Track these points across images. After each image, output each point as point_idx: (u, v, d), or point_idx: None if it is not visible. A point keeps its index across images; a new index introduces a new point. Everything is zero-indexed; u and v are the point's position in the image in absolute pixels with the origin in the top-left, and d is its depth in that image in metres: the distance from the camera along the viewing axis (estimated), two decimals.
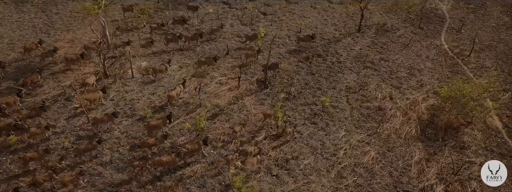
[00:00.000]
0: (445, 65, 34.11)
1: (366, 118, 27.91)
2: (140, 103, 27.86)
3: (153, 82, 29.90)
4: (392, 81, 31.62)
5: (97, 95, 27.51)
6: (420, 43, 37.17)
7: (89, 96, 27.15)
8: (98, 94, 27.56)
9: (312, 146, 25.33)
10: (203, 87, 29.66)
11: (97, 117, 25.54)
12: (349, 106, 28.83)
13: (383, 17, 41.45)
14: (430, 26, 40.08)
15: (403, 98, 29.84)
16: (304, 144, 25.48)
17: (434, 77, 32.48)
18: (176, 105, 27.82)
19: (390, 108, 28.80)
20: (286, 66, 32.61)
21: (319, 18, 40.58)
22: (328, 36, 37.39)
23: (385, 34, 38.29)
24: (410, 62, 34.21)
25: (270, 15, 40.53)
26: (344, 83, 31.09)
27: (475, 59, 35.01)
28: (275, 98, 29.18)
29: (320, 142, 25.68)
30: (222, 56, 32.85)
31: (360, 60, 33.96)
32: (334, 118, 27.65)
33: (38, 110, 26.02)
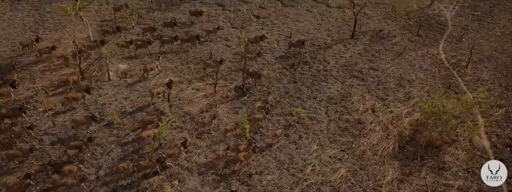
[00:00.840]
0: (438, 76, 31.77)
1: (343, 132, 26.07)
2: (111, 107, 26.81)
3: (129, 86, 28.83)
4: (378, 92, 29.59)
5: (79, 94, 26.75)
6: (415, 51, 34.86)
7: (71, 95, 26.50)
8: (81, 93, 26.80)
9: (280, 161, 23.72)
10: (179, 92, 28.41)
11: (77, 119, 24.68)
12: (327, 118, 27.03)
13: (380, 23, 39.21)
14: (430, 33, 37.63)
15: (386, 111, 27.80)
16: (272, 157, 23.90)
17: (424, 89, 30.24)
18: (147, 111, 26.66)
19: (370, 121, 26.84)
20: (269, 73, 31.00)
21: (313, 23, 38.67)
22: (319, 42, 35.50)
23: (379, 41, 36.12)
24: (401, 72, 32.03)
25: (263, 18, 38.89)
26: (326, 93, 29.25)
27: (472, 71, 32.51)
28: (251, 106, 27.66)
29: (289, 156, 24.04)
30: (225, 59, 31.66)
31: (348, 69, 32.00)
32: (309, 131, 25.92)
33: (17, 111, 25.42)
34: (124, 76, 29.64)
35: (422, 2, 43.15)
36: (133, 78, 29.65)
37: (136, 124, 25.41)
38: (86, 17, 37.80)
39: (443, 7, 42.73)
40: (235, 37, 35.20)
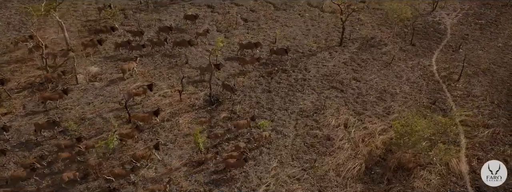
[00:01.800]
0: (425, 90, 29.08)
1: (308, 148, 23.94)
2: (72, 112, 25.55)
3: (95, 90, 27.52)
4: (355, 106, 27.22)
5: (57, 95, 25.72)
6: (405, 62, 32.16)
7: (48, 96, 25.54)
8: (58, 94, 25.78)
9: (233, 178, 21.85)
10: (143, 99, 26.90)
11: (39, 123, 23.58)
12: (295, 132, 24.94)
13: (374, 30, 36.57)
14: (425, 42, 34.76)
15: (360, 127, 25.48)
16: (224, 174, 22.05)
17: (407, 104, 27.66)
18: (105, 118, 25.25)
19: (340, 138, 24.60)
20: (244, 81, 29.09)
21: (302, 28, 36.41)
22: (304, 48, 33.27)
23: (369, 49, 33.57)
24: (386, 84, 29.49)
25: (251, 22, 36.92)
26: (299, 104, 27.12)
27: (464, 85, 29.62)
28: (217, 117, 25.86)
29: (244, 173, 22.13)
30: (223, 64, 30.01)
31: (328, 79, 29.70)
32: (272, 146, 23.93)
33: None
34: (93, 80, 28.36)
35: (423, 9, 40.24)
36: (102, 82, 28.35)
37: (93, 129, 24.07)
38: (72, 16, 37.00)
39: (445, 14, 39.60)
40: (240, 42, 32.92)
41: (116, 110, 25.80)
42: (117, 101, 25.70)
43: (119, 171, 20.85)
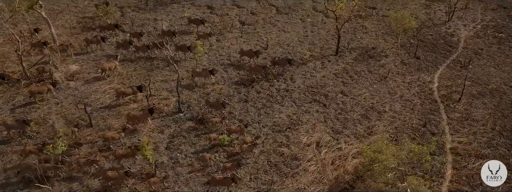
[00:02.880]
0: (418, 110, 25.83)
1: (271, 168, 21.58)
2: (37, 112, 24.56)
3: (68, 90, 26.40)
4: (335, 123, 24.51)
5: (44, 88, 25.16)
6: (403, 77, 28.90)
7: (36, 89, 24.95)
8: (46, 87, 25.20)
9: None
10: (113, 101, 25.51)
11: (8, 123, 22.72)
12: (261, 148, 22.65)
13: (377, 39, 33.39)
14: (431, 56, 31.25)
15: (334, 147, 22.82)
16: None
17: (393, 124, 24.62)
18: (69, 120, 24.04)
19: (309, 158, 22.09)
20: (222, 88, 27.06)
21: (300, 34, 33.82)
22: (296, 56, 30.70)
23: (366, 60, 30.54)
24: (375, 100, 26.49)
25: (248, 25, 34.76)
26: (274, 117, 24.77)
27: (465, 107, 26.10)
28: (182, 126, 24.03)
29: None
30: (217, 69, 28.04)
31: (313, 91, 27.10)
32: (231, 162, 21.79)
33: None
34: (70, 78, 27.32)
35: (438, 18, 36.47)
36: (78, 81, 27.23)
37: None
38: (70, 12, 36.36)
39: (461, 24, 35.67)
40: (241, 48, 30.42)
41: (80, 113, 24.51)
42: (79, 103, 24.26)
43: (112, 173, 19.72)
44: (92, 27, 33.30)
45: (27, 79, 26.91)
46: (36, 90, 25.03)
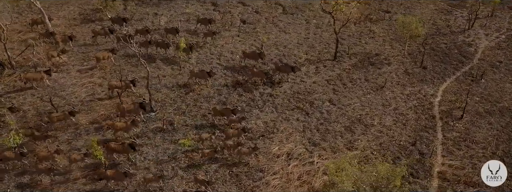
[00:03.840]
0: (412, 125, 23.11)
1: (231, 179, 19.79)
2: (12, 102, 24.11)
3: (49, 81, 25.75)
4: (314, 134, 22.32)
5: (39, 75, 25.12)
6: (403, 87, 26.14)
7: (31, 76, 24.99)
8: (41, 74, 25.13)
9: None
10: (89, 96, 24.65)
11: None
12: (226, 156, 20.92)
13: (383, 45, 30.62)
14: (440, 66, 28.16)
15: (306, 161, 20.69)
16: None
17: (379, 140, 22.09)
18: (39, 112, 23.42)
19: (274, 171, 20.12)
20: (203, 88, 25.54)
21: (301, 36, 31.65)
22: (291, 59, 28.64)
23: (366, 68, 27.97)
24: (365, 112, 24.01)
25: (249, 25, 33.02)
26: (250, 123, 22.93)
27: (466, 126, 23.07)
28: (150, 126, 22.75)
29: None
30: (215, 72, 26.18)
31: (298, 97, 25.00)
32: (188, 172, 20.17)
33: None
34: (54, 70, 26.77)
35: (458, 26, 33.07)
36: (61, 73, 26.62)
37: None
38: (76, 3, 36.16)
39: (483, 33, 32.08)
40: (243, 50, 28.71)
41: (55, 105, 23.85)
42: (46, 96, 23.51)
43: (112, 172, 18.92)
44: (97, 19, 32.65)
45: (12, 67, 26.69)
46: (31, 77, 25.02)
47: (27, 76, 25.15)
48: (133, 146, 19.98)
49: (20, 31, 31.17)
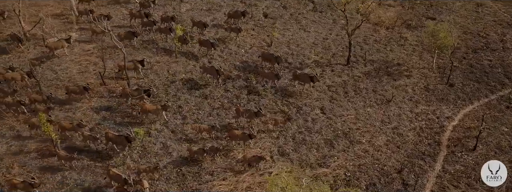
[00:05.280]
0: (407, 150, 19.42)
1: (176, 177, 18.05)
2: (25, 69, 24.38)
3: (49, 58, 25.90)
4: (287, 143, 19.67)
5: (60, 44, 26.00)
6: (415, 105, 22.29)
7: (52, 44, 25.90)
8: (61, 43, 25.94)
9: None
10: (77, 74, 24.49)
11: None
12: (180, 152, 19.25)
13: (410, 55, 26.69)
14: (472, 86, 23.70)
15: (264, 171, 18.20)
16: None
17: (360, 160, 18.78)
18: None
19: (225, 177, 17.91)
20: (191, 77, 24.02)
21: (320, 36, 28.78)
22: (298, 59, 26.02)
23: (380, 77, 24.44)
24: (357, 126, 20.76)
25: (270, 19, 30.85)
26: (223, 121, 20.99)
27: (476, 160, 18.83)
28: (122, 110, 21.87)
29: None
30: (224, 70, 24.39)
31: (287, 101, 22.39)
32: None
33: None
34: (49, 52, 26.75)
35: (501, 38, 27.82)
36: (66, 48, 26.79)
37: None
38: None
39: None
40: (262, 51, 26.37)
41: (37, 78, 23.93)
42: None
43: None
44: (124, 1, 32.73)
45: (27, 40, 27.52)
46: (53, 46, 25.82)
47: (49, 44, 25.98)
48: (129, 139, 18.84)
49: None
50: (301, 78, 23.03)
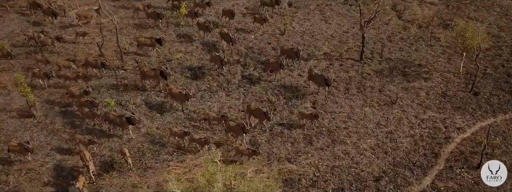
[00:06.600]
0: (395, 157, 16.87)
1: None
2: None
3: (63, 28, 26.52)
4: (263, 134, 18.05)
5: (90, 13, 27.28)
6: (424, 110, 19.50)
7: (82, 13, 27.18)
8: (91, 12, 27.19)
9: None
10: (77, 39, 24.75)
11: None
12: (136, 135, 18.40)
13: (437, 56, 23.68)
14: (501, 96, 20.39)
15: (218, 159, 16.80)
16: None
17: (335, 162, 16.60)
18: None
19: (166, 159, 16.81)
20: (190, 59, 23.21)
21: (340, 29, 26.55)
22: (308, 50, 24.08)
23: (392, 77, 21.82)
24: (346, 125, 18.50)
25: (293, 8, 29.12)
26: (205, 105, 19.85)
27: (477, 180, 15.87)
28: (122, 81, 21.51)
29: None
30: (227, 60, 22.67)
31: (278, 91, 20.65)
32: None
33: None
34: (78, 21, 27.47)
35: None
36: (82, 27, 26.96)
37: None
38: None
39: None
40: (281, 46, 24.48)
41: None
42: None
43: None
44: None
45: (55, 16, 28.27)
46: (82, 14, 26.89)
47: (79, 12, 27.02)
48: (131, 121, 18.21)
49: None
50: (315, 80, 20.87)
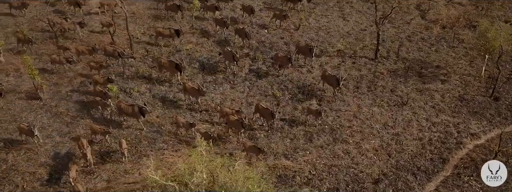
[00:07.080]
0: (399, 161, 15.93)
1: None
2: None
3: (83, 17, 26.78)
4: (262, 128, 17.50)
5: (113, 1, 27.06)
6: (436, 114, 18.44)
7: (106, 1, 27.41)
8: (115, 1, 26.89)
9: None
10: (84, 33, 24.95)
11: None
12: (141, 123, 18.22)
13: (458, 58, 22.44)
14: None
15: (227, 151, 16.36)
16: None
17: (333, 161, 15.85)
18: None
19: (175, 149, 16.49)
20: (200, 50, 22.86)
21: (358, 26, 25.59)
22: (321, 47, 23.26)
23: (407, 77, 20.77)
24: (350, 124, 17.68)
25: (312, 4, 28.29)
26: (210, 95, 19.51)
27: (484, 189, 14.77)
28: (130, 69, 21.49)
29: None
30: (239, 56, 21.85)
31: (284, 86, 20.04)
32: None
33: None
34: (98, 9, 27.79)
35: None
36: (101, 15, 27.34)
37: None
38: None
39: None
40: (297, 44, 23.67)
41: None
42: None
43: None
44: None
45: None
46: (105, 2, 27.18)
47: (103, 1, 27.26)
48: (143, 111, 18.07)
49: None
50: (327, 80, 19.93)
